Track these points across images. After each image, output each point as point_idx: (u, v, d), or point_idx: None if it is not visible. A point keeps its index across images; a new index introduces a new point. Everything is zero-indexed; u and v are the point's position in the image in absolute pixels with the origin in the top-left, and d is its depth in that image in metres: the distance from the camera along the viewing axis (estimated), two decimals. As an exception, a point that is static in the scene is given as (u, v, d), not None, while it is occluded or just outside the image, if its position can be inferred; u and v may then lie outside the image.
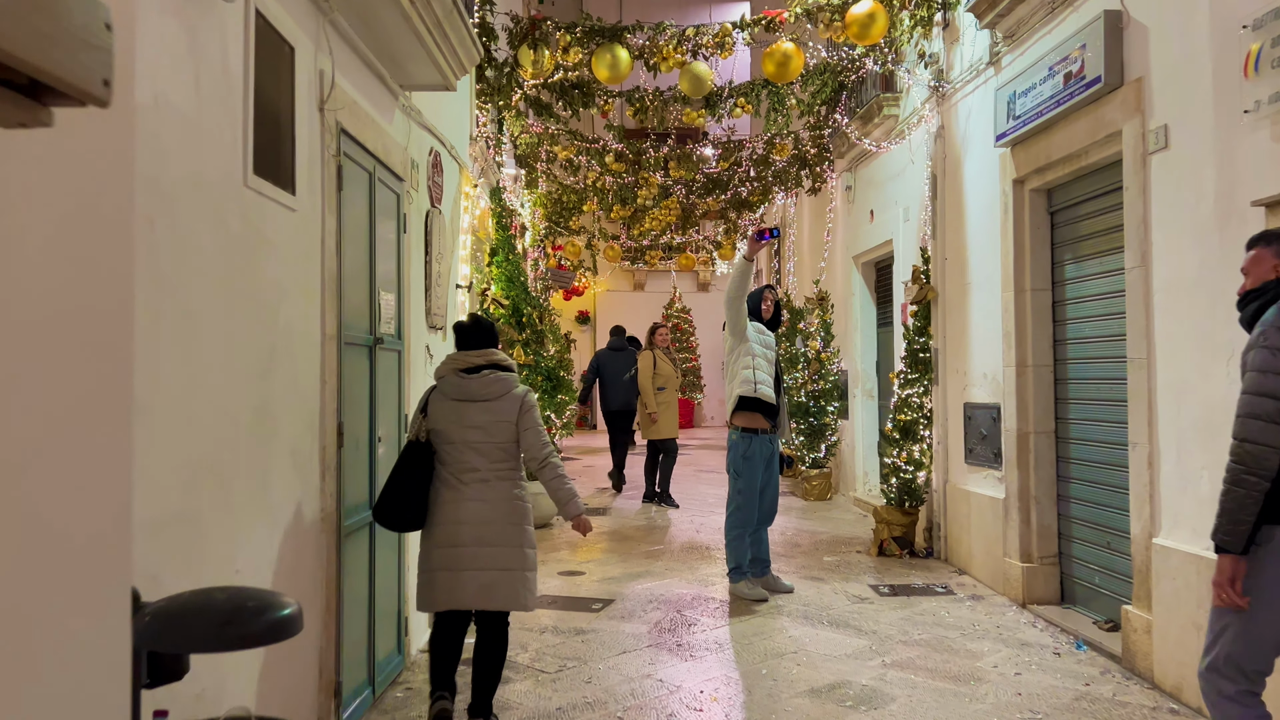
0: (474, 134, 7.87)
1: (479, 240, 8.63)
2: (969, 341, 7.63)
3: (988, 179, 7.28)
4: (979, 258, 7.47)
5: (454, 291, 7.21)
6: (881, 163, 9.85)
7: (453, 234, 7.16)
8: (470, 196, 7.78)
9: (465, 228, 7.64)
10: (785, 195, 13.36)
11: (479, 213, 8.23)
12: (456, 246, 7.32)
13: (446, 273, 6.92)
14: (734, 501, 7.07)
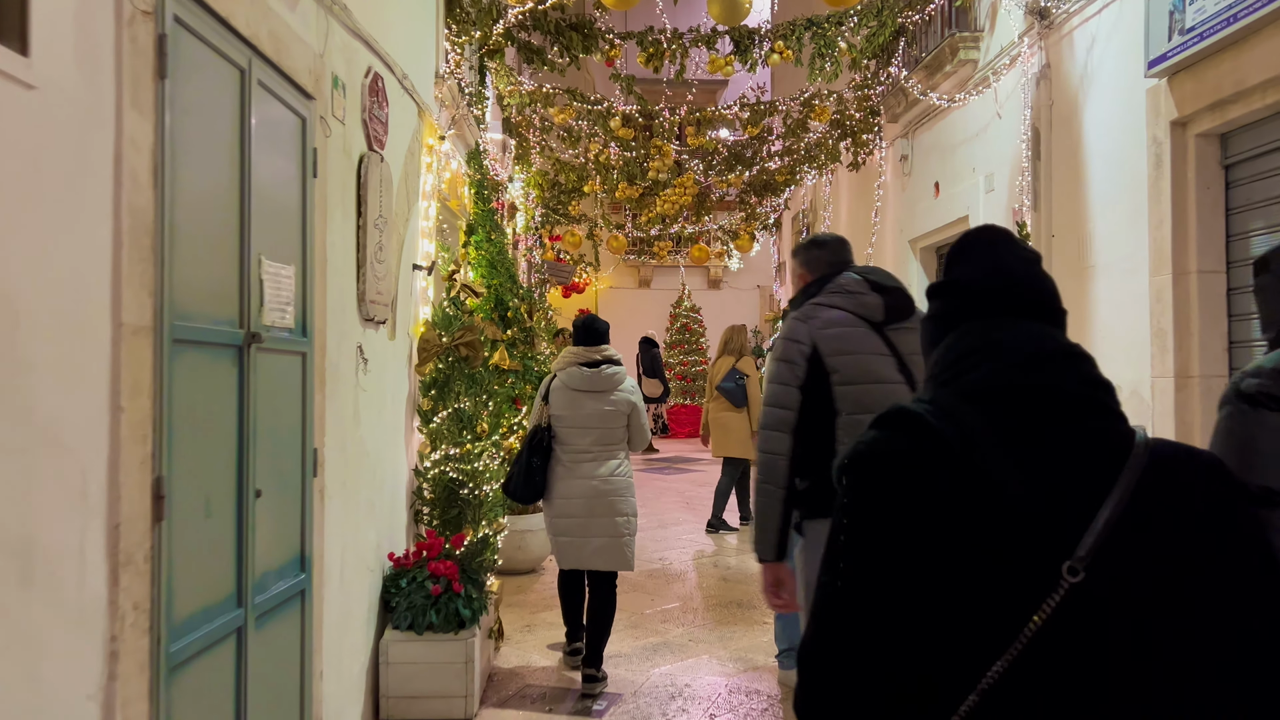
0: (442, 71, 6.04)
1: (450, 212, 6.78)
2: (1091, 343, 5.78)
3: (1124, 125, 5.44)
4: (1108, 231, 5.63)
5: (407, 274, 5.36)
6: (950, 123, 8.00)
7: (408, 196, 5.31)
8: (436, 152, 5.94)
9: (428, 191, 5.80)
10: (817, 174, 11.50)
11: (449, 176, 6.39)
12: (414, 214, 5.48)
13: (398, 247, 5.08)
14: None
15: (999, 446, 1.28)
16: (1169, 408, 4.97)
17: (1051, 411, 1.32)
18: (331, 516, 3.92)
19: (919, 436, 1.31)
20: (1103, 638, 1.19)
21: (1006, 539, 1.22)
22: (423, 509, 5.51)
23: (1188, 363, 4.93)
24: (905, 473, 1.29)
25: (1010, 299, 1.43)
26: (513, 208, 10.42)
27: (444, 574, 4.70)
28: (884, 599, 1.26)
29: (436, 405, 5.51)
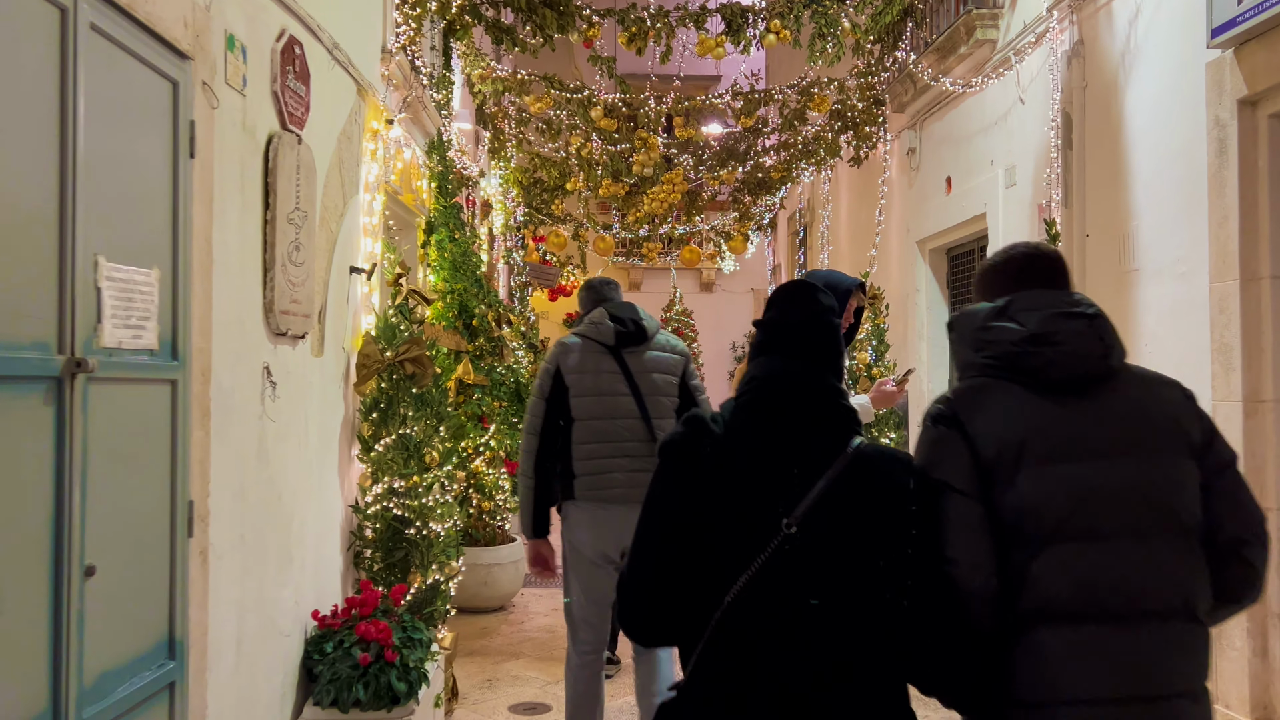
0: (391, 46, 5.26)
1: (404, 208, 6.01)
2: (1134, 358, 5.00)
3: (1177, 107, 4.69)
4: (1155, 230, 4.87)
5: (342, 278, 4.59)
6: (964, 111, 7.25)
7: (343, 187, 4.55)
8: (383, 138, 5.17)
9: (372, 182, 5.03)
10: (815, 171, 10.73)
11: (400, 167, 5.62)
12: (352, 208, 4.71)
13: (328, 247, 4.32)
14: None
15: (747, 441, 1.99)
16: (1236, 437, 4.21)
17: (791, 422, 1.99)
18: (221, 581, 3.15)
19: (698, 430, 2.02)
20: (802, 565, 1.87)
21: (747, 501, 1.94)
22: (364, 551, 4.74)
23: (1259, 384, 4.18)
24: (684, 453, 2.00)
25: (791, 341, 2.05)
26: (487, 205, 9.64)
27: (375, 638, 3.93)
28: (668, 536, 1.96)
29: (378, 431, 4.74)
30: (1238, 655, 4.20)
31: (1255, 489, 4.18)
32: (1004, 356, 1.98)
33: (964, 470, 1.92)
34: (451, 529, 4.92)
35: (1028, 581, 1.87)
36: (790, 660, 1.85)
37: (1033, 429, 1.92)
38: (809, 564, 1.87)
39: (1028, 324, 1.97)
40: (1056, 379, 1.94)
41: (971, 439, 1.93)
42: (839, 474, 1.91)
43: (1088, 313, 2.00)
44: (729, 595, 1.87)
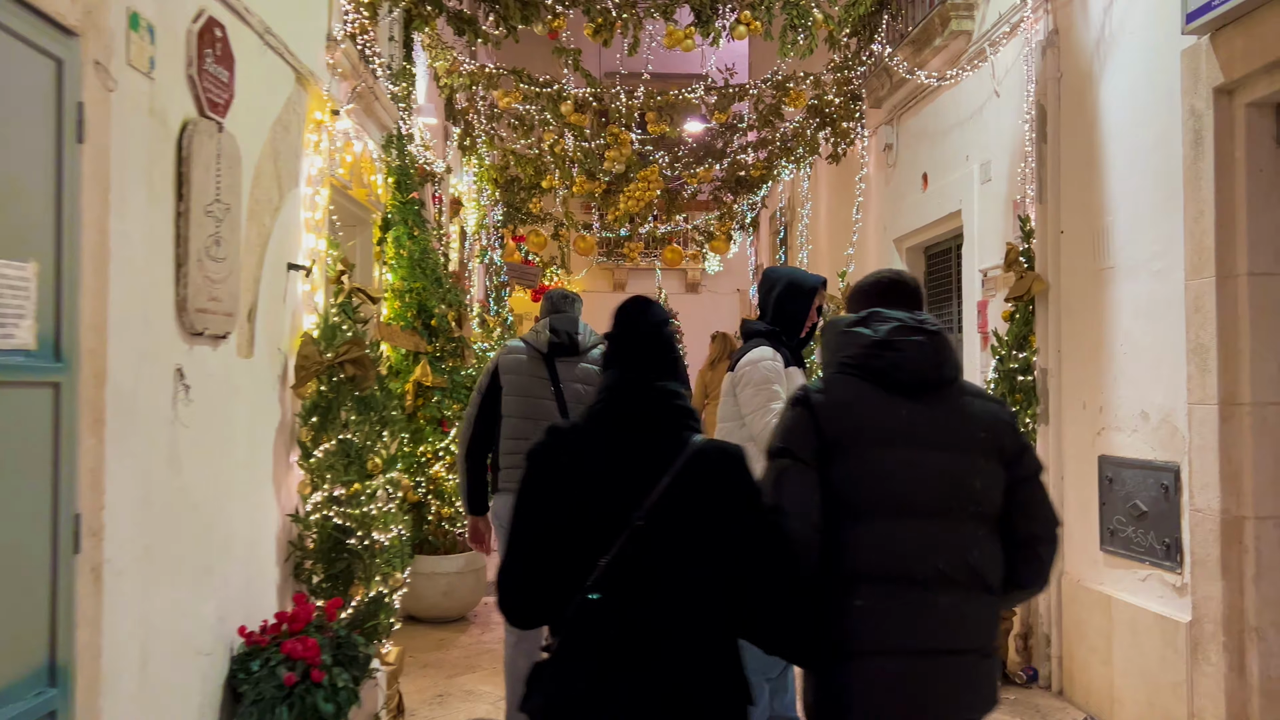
0: (337, 33, 5.04)
1: (356, 203, 5.79)
2: (1108, 360, 4.84)
3: (1152, 97, 4.49)
4: (1130, 225, 4.68)
5: (279, 275, 4.37)
6: (940, 106, 7.05)
7: (278, 179, 4.33)
8: (328, 130, 4.95)
9: (314, 176, 4.81)
10: (795, 169, 10.53)
11: (350, 160, 5.40)
12: (290, 202, 4.49)
13: (260, 242, 4.10)
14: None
15: (599, 446, 2.24)
16: (1211, 441, 4.02)
17: (637, 426, 2.25)
18: (121, 599, 2.93)
19: (558, 438, 2.27)
20: (650, 553, 2.10)
21: (601, 499, 2.17)
22: (305, 562, 4.52)
23: (1235, 386, 3.98)
24: (545, 458, 2.24)
25: (633, 355, 2.31)
26: (457, 203, 9.42)
27: (301, 656, 3.71)
28: (535, 534, 2.19)
29: (318, 435, 4.52)
30: (1214, 671, 4.01)
31: (1231, 497, 4.01)
32: (857, 357, 2.36)
33: (807, 444, 2.28)
34: (396, 538, 4.70)
35: (852, 548, 2.24)
36: (643, 635, 2.12)
37: (870, 418, 2.30)
38: (657, 551, 2.13)
39: (879, 333, 2.34)
40: (897, 380, 2.31)
41: (818, 420, 2.30)
42: (680, 470, 2.17)
43: (929, 329, 2.35)
44: (589, 582, 2.11)
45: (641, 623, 2.11)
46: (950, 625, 2.20)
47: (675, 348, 2.35)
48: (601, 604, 2.11)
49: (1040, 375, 5.40)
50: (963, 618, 2.21)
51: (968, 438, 2.31)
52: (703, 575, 2.14)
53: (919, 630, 2.19)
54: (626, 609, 2.11)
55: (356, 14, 5.36)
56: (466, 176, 10.77)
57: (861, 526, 2.23)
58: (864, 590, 2.21)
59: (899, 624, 2.19)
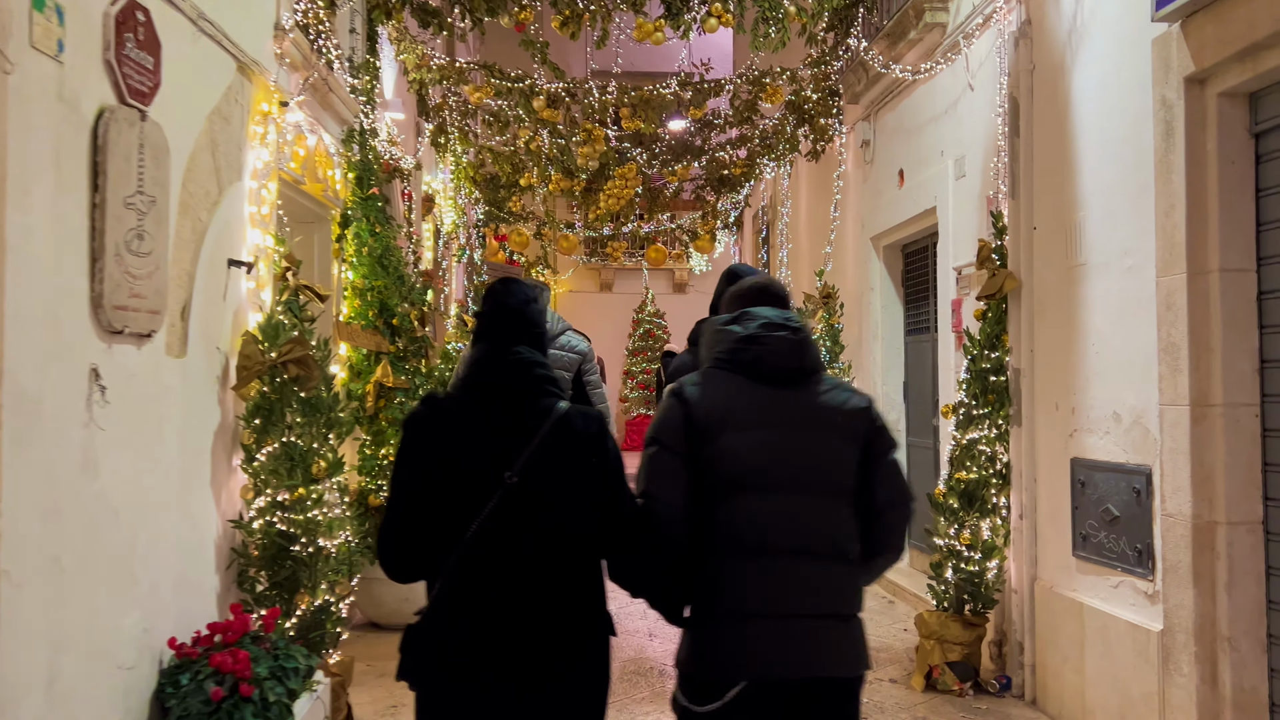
0: (286, 22, 4.88)
1: (312, 199, 5.63)
2: (1080, 360, 4.69)
3: (1124, 88, 4.35)
4: (1103, 220, 4.53)
5: (218, 271, 4.21)
6: (916, 101, 6.90)
7: (217, 172, 4.17)
8: (275, 122, 4.79)
9: (260, 170, 4.65)
10: (776, 167, 10.38)
11: (302, 154, 5.24)
12: (231, 196, 4.33)
13: (193, 237, 3.94)
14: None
15: (471, 413, 2.43)
16: (1182, 444, 3.87)
17: (505, 394, 2.45)
18: (23, 613, 2.77)
19: (432, 406, 2.48)
20: (522, 507, 2.35)
21: (475, 461, 2.37)
22: (248, 570, 4.36)
23: (1207, 387, 3.83)
24: (421, 424, 2.44)
25: (501, 330, 2.52)
26: (430, 200, 9.26)
27: (230, 670, 3.54)
28: (411, 493, 2.40)
29: (261, 438, 4.36)
30: (1185, 682, 3.86)
31: (1203, 502, 3.86)
32: (728, 352, 2.58)
33: (676, 434, 2.51)
34: (344, 545, 4.54)
35: (722, 522, 2.45)
36: (516, 580, 2.36)
37: (736, 405, 2.52)
38: (527, 507, 2.37)
39: (747, 329, 2.57)
40: (763, 372, 2.54)
41: (690, 412, 2.52)
42: (546, 433, 2.41)
43: (792, 326, 2.58)
44: (466, 537, 2.34)
45: (515, 569, 2.36)
46: (809, 591, 2.43)
47: (540, 323, 2.60)
48: (479, 555, 2.35)
49: (1013, 376, 5.25)
50: (820, 585, 2.45)
51: (826, 422, 2.54)
52: (568, 525, 2.42)
53: (780, 596, 2.42)
54: (503, 558, 2.36)
55: (310, 3, 5.20)
56: (443, 174, 10.61)
57: (729, 503, 2.46)
58: (731, 560, 2.45)
59: (762, 590, 2.42)
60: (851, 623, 2.49)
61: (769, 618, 2.41)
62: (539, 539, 2.37)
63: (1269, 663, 3.74)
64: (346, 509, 4.68)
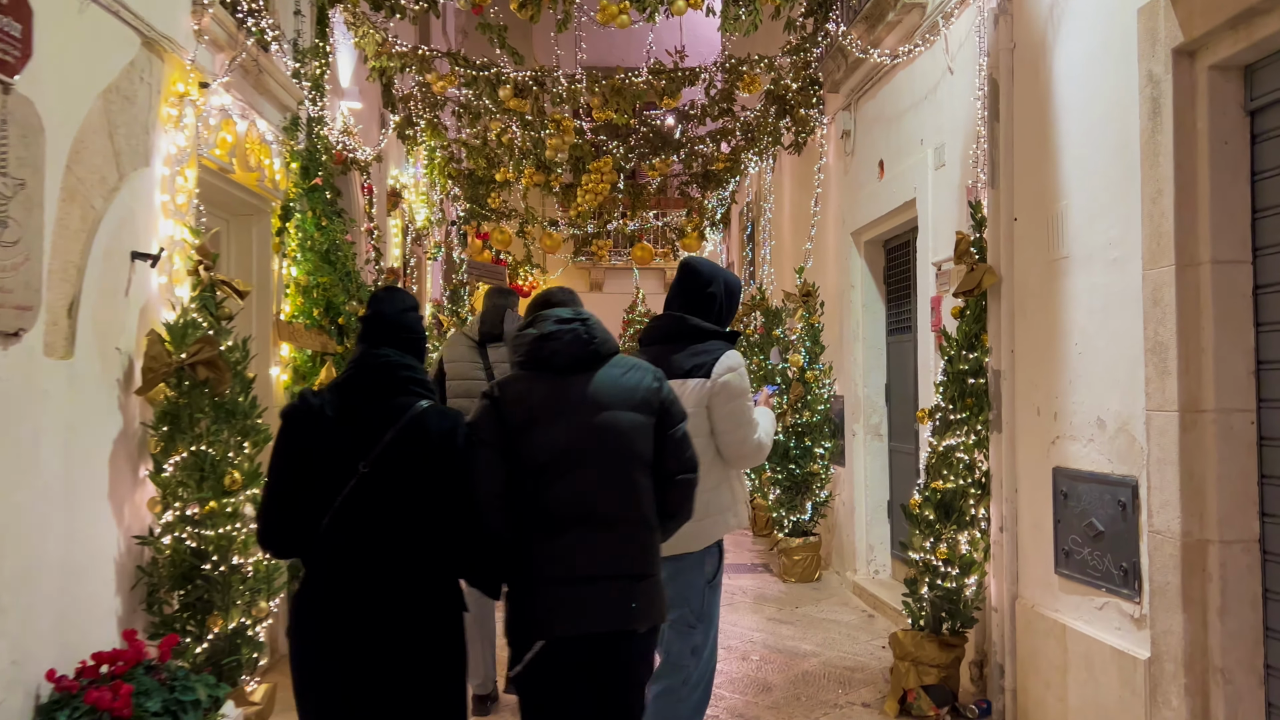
0: (206, -2, 4.52)
1: (249, 190, 5.27)
2: (1063, 360, 4.33)
3: (1108, 63, 3.98)
4: (1086, 209, 4.17)
5: (114, 265, 3.85)
6: (895, 87, 6.54)
7: (114, 156, 3.82)
8: (195, 105, 4.44)
9: (173, 156, 4.30)
10: (759, 160, 10.01)
11: (230, 140, 4.88)
12: (132, 182, 3.98)
13: (84, 226, 3.60)
14: (698, 681, 3.84)
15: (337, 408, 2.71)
16: (1170, 453, 3.51)
17: (368, 391, 2.76)
18: None
19: (305, 402, 2.74)
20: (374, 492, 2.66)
21: (335, 451, 2.67)
22: (158, 591, 4.01)
23: (1197, 391, 3.47)
24: (294, 418, 2.73)
25: (377, 334, 2.86)
26: (395, 195, 8.90)
27: (108, 706, 3.19)
28: (283, 479, 2.71)
29: (169, 446, 4.01)
30: (1174, 717, 3.49)
31: (1193, 518, 3.50)
32: (528, 353, 2.90)
33: (492, 431, 2.80)
34: (261, 563, 4.18)
35: (538, 501, 2.76)
36: (369, 566, 2.67)
37: (541, 400, 2.82)
38: (378, 494, 2.69)
39: (542, 330, 2.88)
40: (561, 364, 2.85)
41: (501, 410, 2.82)
42: (400, 428, 2.72)
43: (582, 318, 2.91)
44: (325, 519, 2.67)
45: (366, 549, 2.69)
46: (602, 556, 2.76)
47: (416, 329, 2.94)
48: (338, 535, 2.69)
49: (992, 378, 4.88)
50: (613, 549, 2.78)
51: (620, 401, 2.86)
52: (416, 511, 2.74)
53: (575, 561, 2.74)
54: (357, 539, 2.69)
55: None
56: (415, 168, 10.26)
57: (540, 484, 2.77)
58: (538, 535, 2.76)
59: (559, 558, 2.74)
60: (645, 580, 2.82)
61: (564, 582, 2.74)
62: (389, 523, 2.71)
63: (1266, 697, 3.37)
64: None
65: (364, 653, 2.66)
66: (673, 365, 3.60)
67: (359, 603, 2.66)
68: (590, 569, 2.73)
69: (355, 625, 2.65)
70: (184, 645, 3.99)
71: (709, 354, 3.62)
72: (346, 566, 2.68)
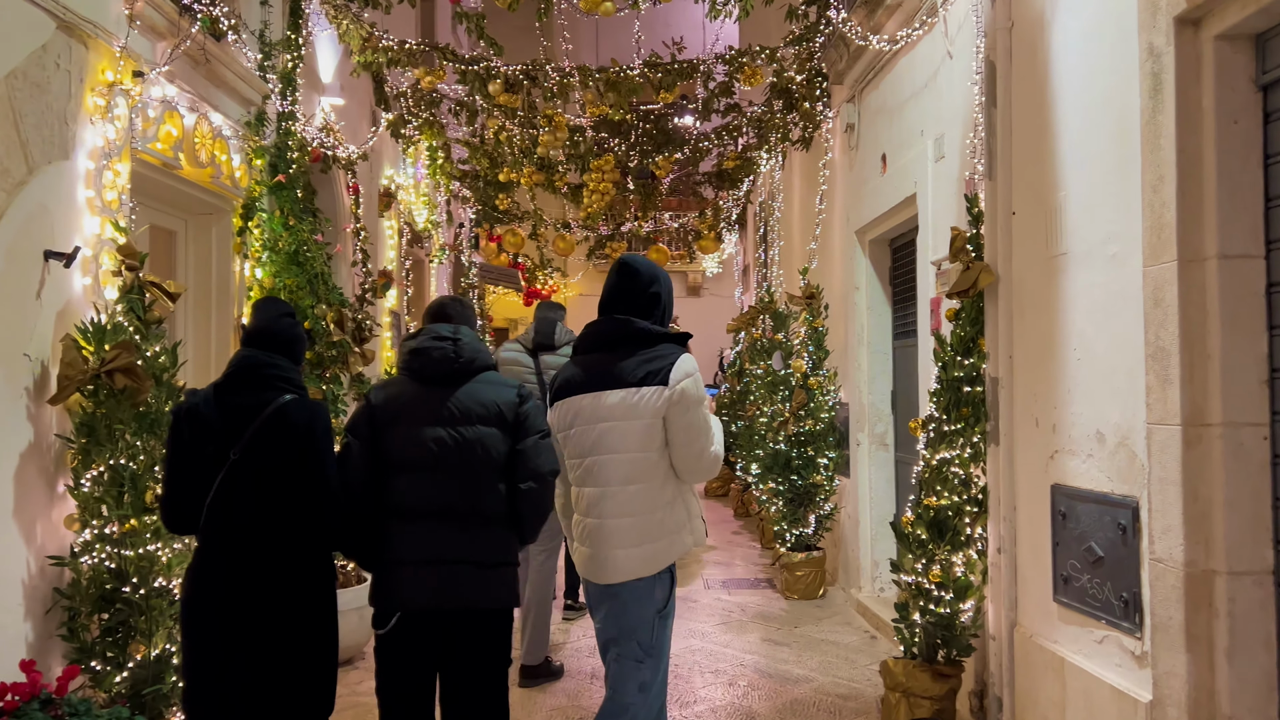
0: (143, -18, 4.25)
1: (201, 187, 4.99)
2: (1061, 367, 3.94)
3: (1109, 37, 3.59)
4: (1084, 201, 3.78)
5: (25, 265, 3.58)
6: (897, 76, 6.16)
7: (22, 147, 3.55)
8: (129, 95, 4.17)
9: (99, 149, 4.03)
10: (769, 157, 9.64)
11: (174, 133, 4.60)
12: (45, 175, 3.71)
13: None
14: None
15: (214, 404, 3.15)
16: (1173, 472, 3.12)
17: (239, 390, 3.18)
18: None
19: (188, 401, 3.19)
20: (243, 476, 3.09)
21: (214, 442, 3.10)
22: (78, 615, 3.74)
23: (1203, 402, 3.07)
24: (179, 415, 3.17)
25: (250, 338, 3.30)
26: (388, 195, 8.62)
27: (-16, 749, 2.91)
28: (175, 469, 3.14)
29: (87, 460, 3.73)
30: (1178, 770, 3.09)
31: (1197, 545, 3.10)
32: (404, 361, 3.38)
33: (362, 426, 3.29)
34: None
35: (392, 492, 3.25)
36: (241, 538, 3.15)
37: (407, 404, 3.29)
38: (247, 477, 3.16)
39: (417, 344, 3.35)
40: (427, 376, 3.32)
41: (373, 410, 3.30)
42: (265, 419, 3.18)
43: (452, 338, 3.34)
44: (208, 500, 3.14)
45: (239, 524, 3.15)
46: (447, 545, 3.20)
47: (288, 333, 3.38)
48: (216, 514, 3.15)
49: (990, 385, 4.49)
50: (458, 540, 3.21)
51: (476, 412, 3.26)
52: (280, 493, 3.18)
53: (423, 547, 3.20)
54: (231, 517, 3.15)
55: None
56: (415, 168, 9.99)
57: (396, 478, 3.24)
58: (396, 520, 3.24)
59: (410, 543, 3.21)
60: (491, 569, 3.24)
61: (415, 564, 3.20)
62: (257, 501, 3.17)
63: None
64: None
65: (237, 608, 3.11)
66: (622, 373, 3.28)
67: (232, 569, 3.13)
68: (437, 554, 3.19)
69: (229, 587, 3.12)
70: (103, 674, 3.72)
71: (662, 359, 3.29)
72: (223, 539, 3.15)
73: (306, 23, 6.29)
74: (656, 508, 3.30)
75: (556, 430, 3.44)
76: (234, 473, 3.13)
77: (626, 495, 3.28)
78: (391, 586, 3.20)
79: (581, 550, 3.41)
